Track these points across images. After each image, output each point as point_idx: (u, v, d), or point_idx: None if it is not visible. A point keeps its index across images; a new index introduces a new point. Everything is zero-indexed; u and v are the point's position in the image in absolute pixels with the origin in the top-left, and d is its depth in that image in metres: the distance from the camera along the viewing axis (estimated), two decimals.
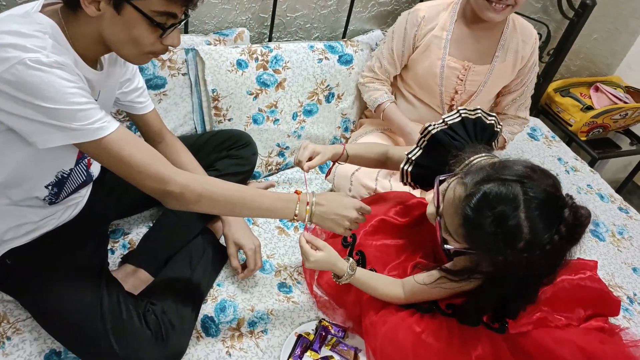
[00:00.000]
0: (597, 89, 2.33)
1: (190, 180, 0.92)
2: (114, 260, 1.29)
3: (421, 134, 1.15)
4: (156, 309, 1.05)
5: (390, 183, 1.48)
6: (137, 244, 1.32)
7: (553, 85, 2.35)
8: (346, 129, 1.80)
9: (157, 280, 1.17)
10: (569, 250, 0.88)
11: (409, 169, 1.17)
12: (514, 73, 1.62)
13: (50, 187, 0.99)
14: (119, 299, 1.02)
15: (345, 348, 1.17)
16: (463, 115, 1.12)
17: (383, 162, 1.29)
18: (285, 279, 1.33)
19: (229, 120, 1.53)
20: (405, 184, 1.22)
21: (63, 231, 1.08)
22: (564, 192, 0.88)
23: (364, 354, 1.16)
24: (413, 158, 1.16)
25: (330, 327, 1.20)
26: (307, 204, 1.02)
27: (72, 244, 1.08)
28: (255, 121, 1.57)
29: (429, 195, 1.50)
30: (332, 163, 1.31)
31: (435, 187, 0.96)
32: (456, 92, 1.58)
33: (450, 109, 1.61)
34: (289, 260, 1.38)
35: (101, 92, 0.98)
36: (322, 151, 1.20)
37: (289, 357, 1.13)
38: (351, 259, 1.11)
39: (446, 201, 0.92)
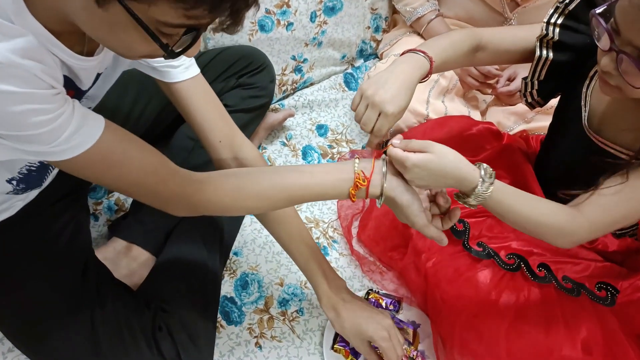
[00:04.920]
0: None
1: (200, 196, 0.64)
2: (98, 229, 1.01)
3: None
4: (171, 322, 0.77)
5: (445, 104, 1.14)
6: (125, 205, 1.03)
7: None
8: (377, 29, 1.41)
9: (163, 264, 0.88)
10: None
11: (550, 56, 0.79)
12: None
13: (14, 183, 0.69)
14: (116, 312, 0.74)
15: (402, 326, 0.94)
16: None
17: (472, 58, 0.86)
18: (318, 237, 1.06)
19: None
20: (524, 93, 0.86)
21: (29, 214, 0.77)
22: None
23: (423, 329, 0.94)
24: (556, 38, 0.77)
25: (380, 300, 0.97)
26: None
27: (43, 230, 0.78)
28: (262, 28, 1.18)
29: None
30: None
31: (598, 23, 0.64)
32: None
33: (514, 1, 1.17)
34: (319, 213, 1.11)
35: (97, 76, 0.64)
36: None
37: (334, 342, 0.91)
38: (485, 164, 0.68)
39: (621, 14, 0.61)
